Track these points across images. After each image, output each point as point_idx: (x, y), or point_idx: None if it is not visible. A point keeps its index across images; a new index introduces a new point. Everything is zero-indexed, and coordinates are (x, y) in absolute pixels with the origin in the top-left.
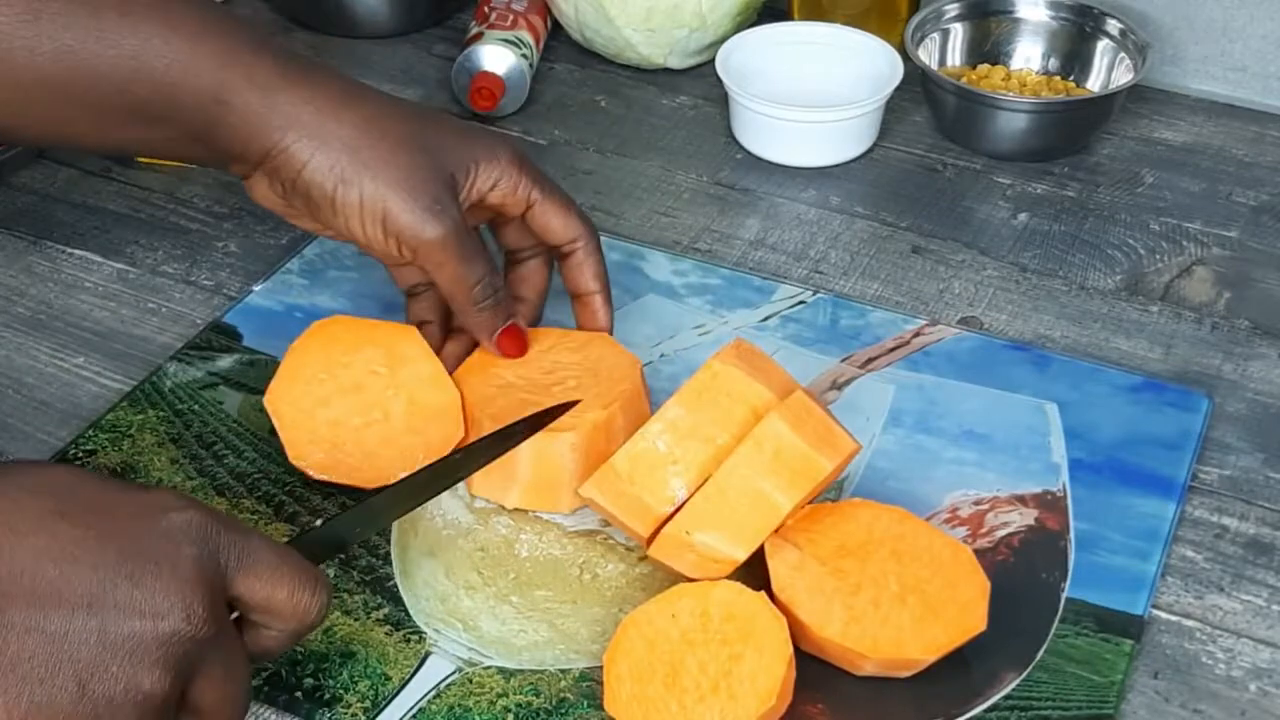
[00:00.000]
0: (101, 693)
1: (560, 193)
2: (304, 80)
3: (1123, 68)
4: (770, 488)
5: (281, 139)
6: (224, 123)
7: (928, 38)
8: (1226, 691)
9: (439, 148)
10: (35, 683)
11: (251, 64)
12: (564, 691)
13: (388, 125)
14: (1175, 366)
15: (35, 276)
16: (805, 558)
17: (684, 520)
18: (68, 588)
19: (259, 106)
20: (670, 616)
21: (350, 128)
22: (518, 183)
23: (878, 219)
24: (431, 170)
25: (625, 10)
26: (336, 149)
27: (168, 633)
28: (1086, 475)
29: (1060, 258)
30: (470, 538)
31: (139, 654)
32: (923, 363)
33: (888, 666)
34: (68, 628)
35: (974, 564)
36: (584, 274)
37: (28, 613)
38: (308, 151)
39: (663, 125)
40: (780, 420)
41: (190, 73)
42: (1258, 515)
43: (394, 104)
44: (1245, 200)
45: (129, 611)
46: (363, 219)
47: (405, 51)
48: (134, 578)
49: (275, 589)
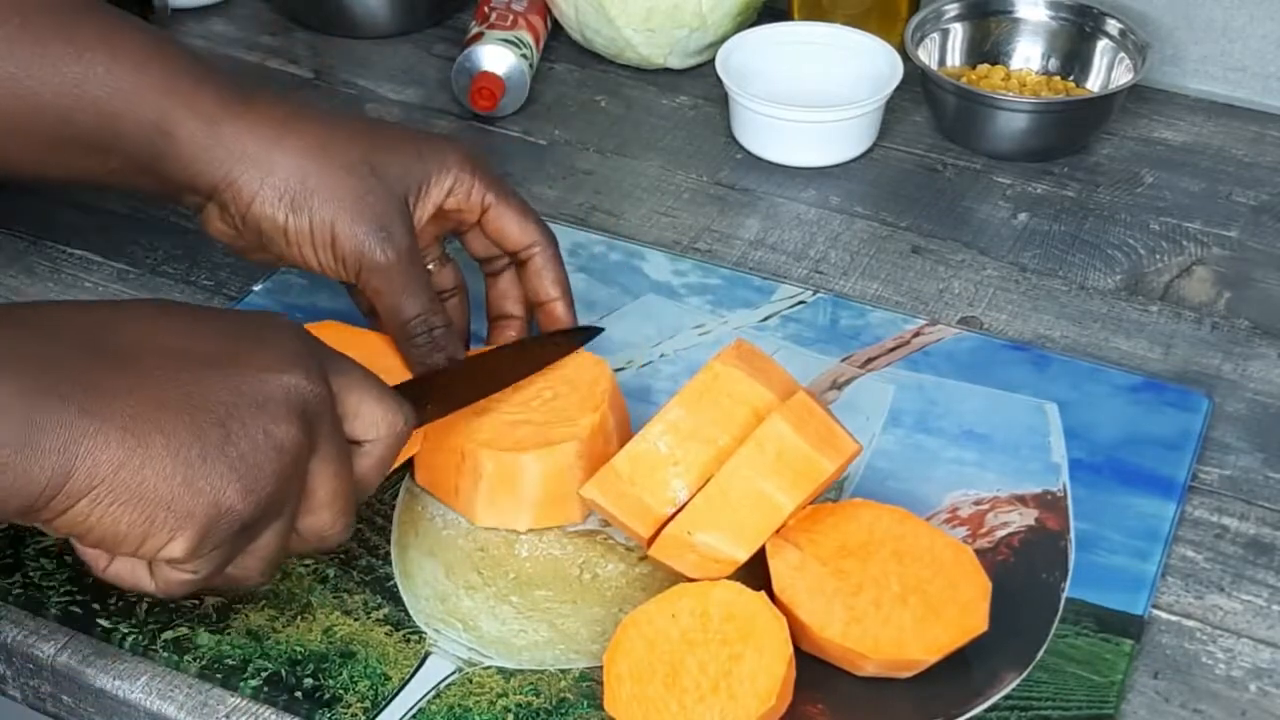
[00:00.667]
0: (242, 434)
1: (516, 198)
2: (247, 109)
3: (1122, 68)
4: (772, 488)
5: (228, 171)
6: (169, 154)
7: (928, 38)
8: (1226, 691)
9: (388, 168)
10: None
11: (194, 93)
12: (564, 691)
13: (334, 149)
14: (1175, 366)
15: (35, 276)
16: (806, 558)
17: (685, 520)
18: (195, 347)
19: (203, 138)
20: (670, 616)
21: (296, 155)
22: (470, 187)
23: (878, 219)
24: (381, 193)
25: (625, 10)
26: (283, 176)
27: (290, 384)
28: (1086, 475)
29: (1060, 258)
30: (470, 538)
31: (269, 403)
32: (923, 363)
33: (889, 667)
34: (200, 378)
35: (975, 564)
36: (543, 280)
37: (162, 364)
38: (255, 181)
39: (663, 125)
40: (782, 421)
41: (133, 102)
42: (1258, 515)
43: (341, 125)
44: (1245, 200)
45: (254, 366)
46: (314, 244)
47: (405, 51)
48: (256, 340)
49: (365, 396)
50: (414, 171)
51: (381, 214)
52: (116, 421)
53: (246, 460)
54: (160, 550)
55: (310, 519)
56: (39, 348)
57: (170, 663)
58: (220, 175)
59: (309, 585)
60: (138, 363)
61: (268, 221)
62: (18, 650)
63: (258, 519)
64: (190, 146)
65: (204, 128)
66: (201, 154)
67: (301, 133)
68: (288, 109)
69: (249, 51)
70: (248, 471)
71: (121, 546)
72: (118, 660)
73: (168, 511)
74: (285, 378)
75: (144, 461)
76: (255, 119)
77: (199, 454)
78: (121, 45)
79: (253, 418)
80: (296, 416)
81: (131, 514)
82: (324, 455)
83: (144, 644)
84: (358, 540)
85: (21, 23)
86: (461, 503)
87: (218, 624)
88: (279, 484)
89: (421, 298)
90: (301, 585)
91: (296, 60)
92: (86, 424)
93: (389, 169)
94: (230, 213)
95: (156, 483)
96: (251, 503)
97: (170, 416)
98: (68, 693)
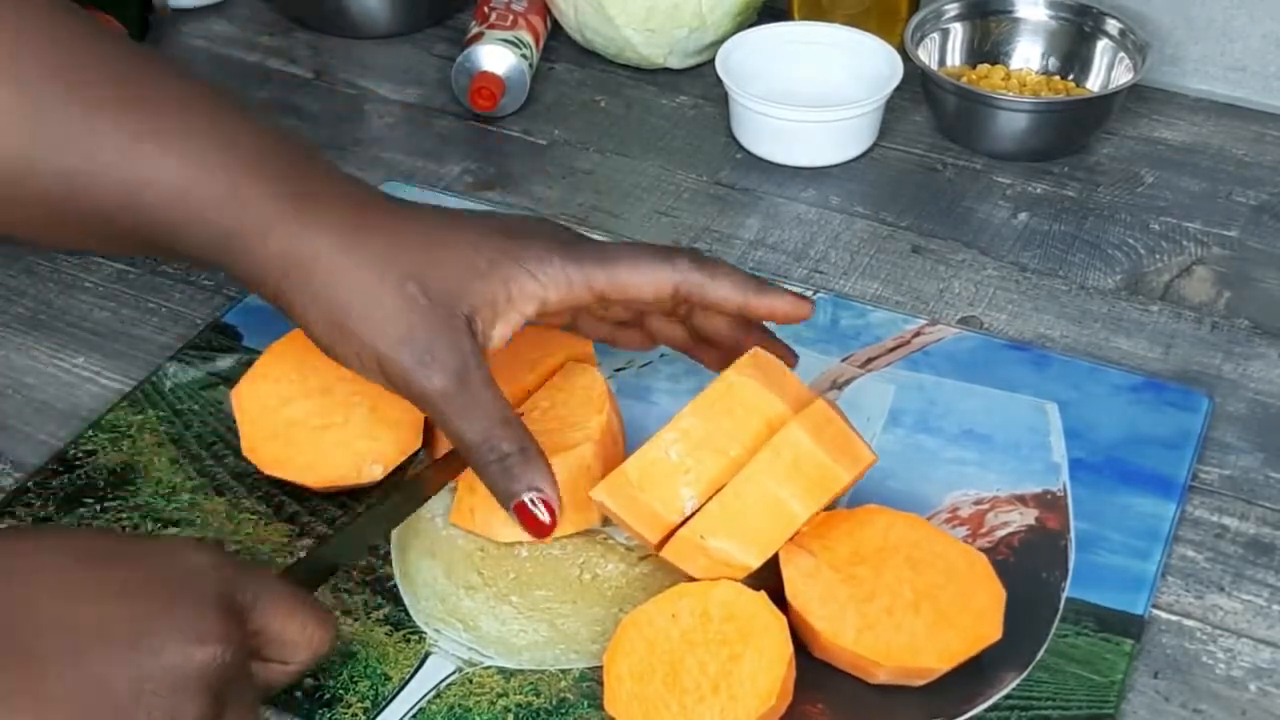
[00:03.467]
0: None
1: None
2: (300, 218)
3: (1122, 67)
4: (787, 496)
5: (277, 287)
6: (226, 263)
7: (927, 38)
8: (1227, 691)
9: (448, 286)
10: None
11: (253, 199)
12: (564, 691)
13: (387, 270)
14: (1175, 366)
15: (35, 276)
16: (819, 565)
17: (699, 525)
18: (103, 626)
19: (258, 251)
20: (670, 616)
21: (346, 281)
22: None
23: (878, 219)
24: (434, 318)
25: (625, 10)
26: (329, 301)
27: (206, 660)
28: (1086, 475)
29: (1060, 257)
30: (470, 538)
31: (180, 683)
32: (923, 362)
33: (901, 675)
34: (107, 666)
35: (989, 572)
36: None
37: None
38: (302, 304)
39: (663, 125)
40: (800, 429)
41: (190, 215)
42: (1258, 515)
43: (404, 236)
44: (1245, 200)
45: (167, 641)
46: (364, 369)
47: (405, 51)
48: (168, 609)
49: (289, 621)
50: (478, 289)
51: (426, 339)
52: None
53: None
54: None
55: None
56: None
57: None
58: (271, 291)
59: None
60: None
61: (315, 340)
62: None
63: None
64: (245, 259)
65: (258, 242)
66: (255, 269)
67: (356, 251)
68: (345, 217)
69: (249, 51)
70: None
71: None
72: None
73: None
74: (199, 654)
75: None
76: (310, 231)
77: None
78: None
79: (163, 702)
80: (207, 692)
81: None
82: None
83: None
84: None
85: (77, 114)
86: (480, 524)
87: None
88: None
89: (481, 423)
90: None
91: (296, 60)
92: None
93: (443, 287)
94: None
95: None
96: None
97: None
98: None
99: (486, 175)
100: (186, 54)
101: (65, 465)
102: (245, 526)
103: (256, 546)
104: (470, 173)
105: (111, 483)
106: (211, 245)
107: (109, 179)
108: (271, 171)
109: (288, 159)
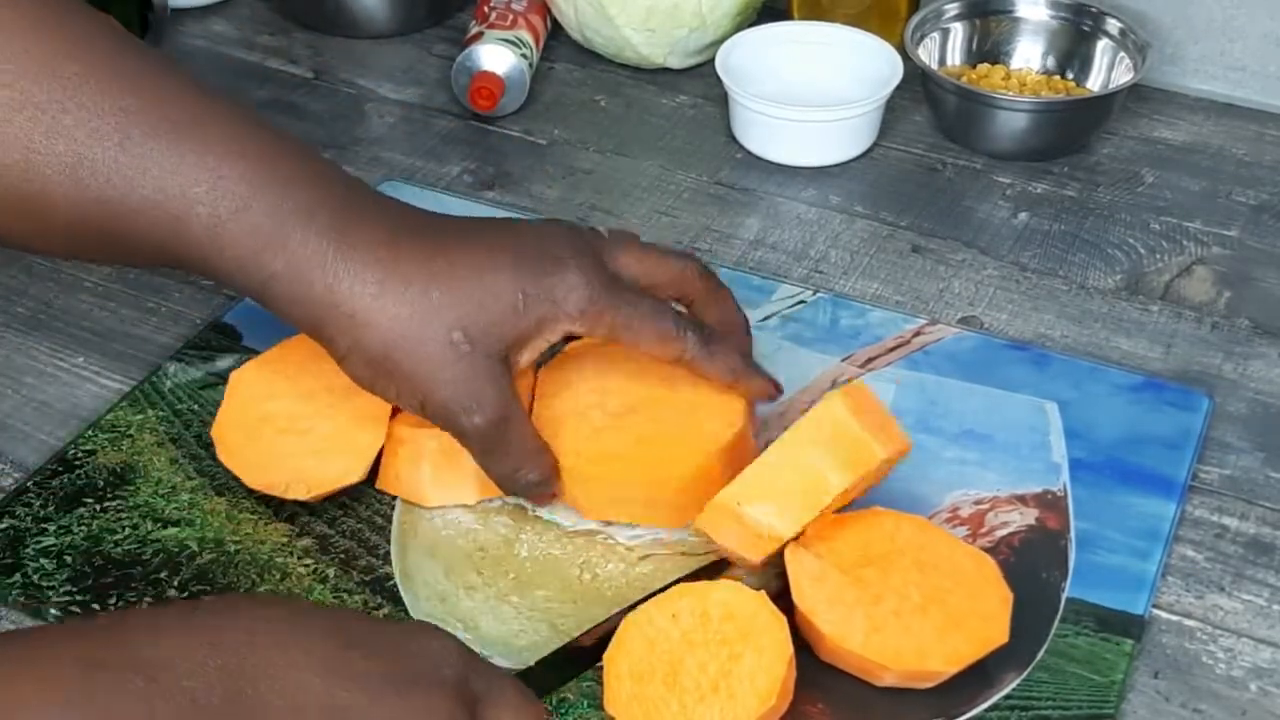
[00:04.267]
0: None
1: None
2: (340, 260)
3: (1122, 67)
4: (824, 464)
5: (318, 325)
6: (268, 301)
7: (927, 37)
8: (1227, 691)
9: (489, 329)
10: None
11: (292, 239)
12: (564, 691)
13: (428, 314)
14: (1175, 366)
15: (35, 276)
16: (826, 567)
17: (736, 492)
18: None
19: (299, 293)
20: (671, 616)
21: (387, 324)
22: (594, 326)
23: (878, 219)
24: (477, 363)
25: (625, 10)
26: (370, 346)
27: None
28: (1087, 475)
29: (1060, 257)
30: (470, 538)
31: None
32: (923, 362)
33: (909, 678)
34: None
35: (997, 575)
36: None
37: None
38: (343, 345)
39: (663, 125)
40: (840, 403)
41: (229, 255)
42: (1258, 515)
43: (448, 275)
44: (1245, 200)
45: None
46: (403, 404)
47: (405, 51)
48: (401, 693)
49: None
50: (518, 325)
51: (471, 384)
52: None
53: None
54: None
55: None
56: None
57: None
58: (312, 328)
59: (309, 585)
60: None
61: (355, 379)
62: None
63: None
64: (287, 302)
65: (298, 285)
66: (296, 309)
67: (396, 296)
68: (384, 260)
69: (249, 51)
70: None
71: None
72: None
73: None
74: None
75: None
76: (349, 277)
77: None
78: (227, 176)
79: None
80: None
81: None
82: None
83: None
84: (357, 540)
85: (121, 141)
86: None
87: None
88: None
89: (514, 459)
90: (301, 585)
91: (296, 60)
92: None
93: (485, 332)
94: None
95: None
96: None
97: None
98: None
99: (486, 175)
100: (186, 54)
101: (65, 465)
102: (245, 526)
103: (256, 546)
104: (470, 173)
105: (111, 482)
106: (252, 286)
107: (152, 213)
108: (314, 213)
109: (329, 197)
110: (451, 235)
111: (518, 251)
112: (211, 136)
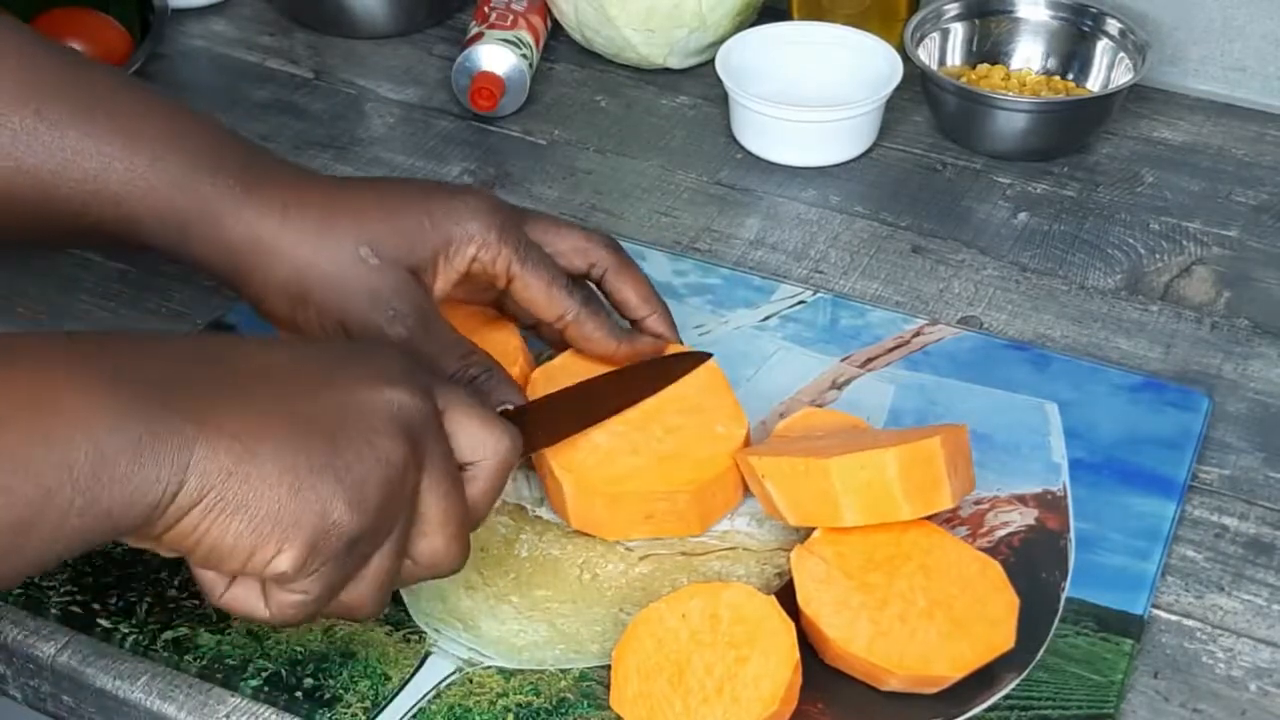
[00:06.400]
0: (348, 447)
1: (542, 267)
2: (248, 198)
3: (1122, 67)
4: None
5: (235, 268)
6: (185, 251)
7: (927, 38)
8: (1227, 691)
9: (393, 244)
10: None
11: (204, 186)
12: (564, 691)
13: (333, 236)
14: (1175, 366)
15: (35, 276)
16: (832, 571)
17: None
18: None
19: (212, 236)
20: (681, 616)
21: (294, 248)
22: (496, 254)
23: (878, 219)
24: (384, 274)
25: (625, 10)
26: (284, 274)
27: (395, 400)
28: (1086, 475)
29: (1060, 257)
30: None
31: (374, 418)
32: (923, 362)
33: (914, 683)
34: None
35: (1003, 580)
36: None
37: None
38: (259, 281)
39: (663, 125)
40: (894, 461)
41: (148, 202)
42: (1258, 515)
43: (344, 202)
44: (1245, 200)
45: (360, 383)
46: (328, 333)
47: (405, 51)
48: (362, 360)
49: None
50: (426, 241)
51: (386, 296)
52: (227, 430)
53: (353, 473)
54: (269, 564)
55: (423, 543)
56: (155, 369)
57: (170, 663)
58: (229, 272)
59: None
60: (248, 383)
61: (279, 317)
62: (18, 650)
63: (365, 535)
64: (202, 246)
65: (211, 228)
66: (212, 253)
67: (300, 221)
68: (288, 194)
69: (249, 51)
70: (354, 484)
71: (230, 561)
72: (118, 660)
73: (275, 522)
74: (389, 393)
75: (251, 470)
76: (256, 211)
77: (305, 464)
78: (139, 135)
79: (358, 432)
80: (401, 432)
81: (239, 524)
82: (432, 474)
83: (144, 644)
84: None
85: (38, 110)
86: None
87: (218, 624)
88: (385, 498)
89: (447, 358)
90: None
91: (296, 60)
92: (198, 434)
93: (394, 246)
94: (249, 299)
95: (264, 490)
96: (358, 516)
97: (277, 429)
98: (68, 693)
99: (486, 175)
100: (186, 54)
101: None
102: None
103: None
104: (470, 173)
105: None
106: (171, 235)
107: (70, 174)
108: (221, 164)
109: (235, 152)
110: (354, 178)
111: (425, 185)
112: (122, 104)
